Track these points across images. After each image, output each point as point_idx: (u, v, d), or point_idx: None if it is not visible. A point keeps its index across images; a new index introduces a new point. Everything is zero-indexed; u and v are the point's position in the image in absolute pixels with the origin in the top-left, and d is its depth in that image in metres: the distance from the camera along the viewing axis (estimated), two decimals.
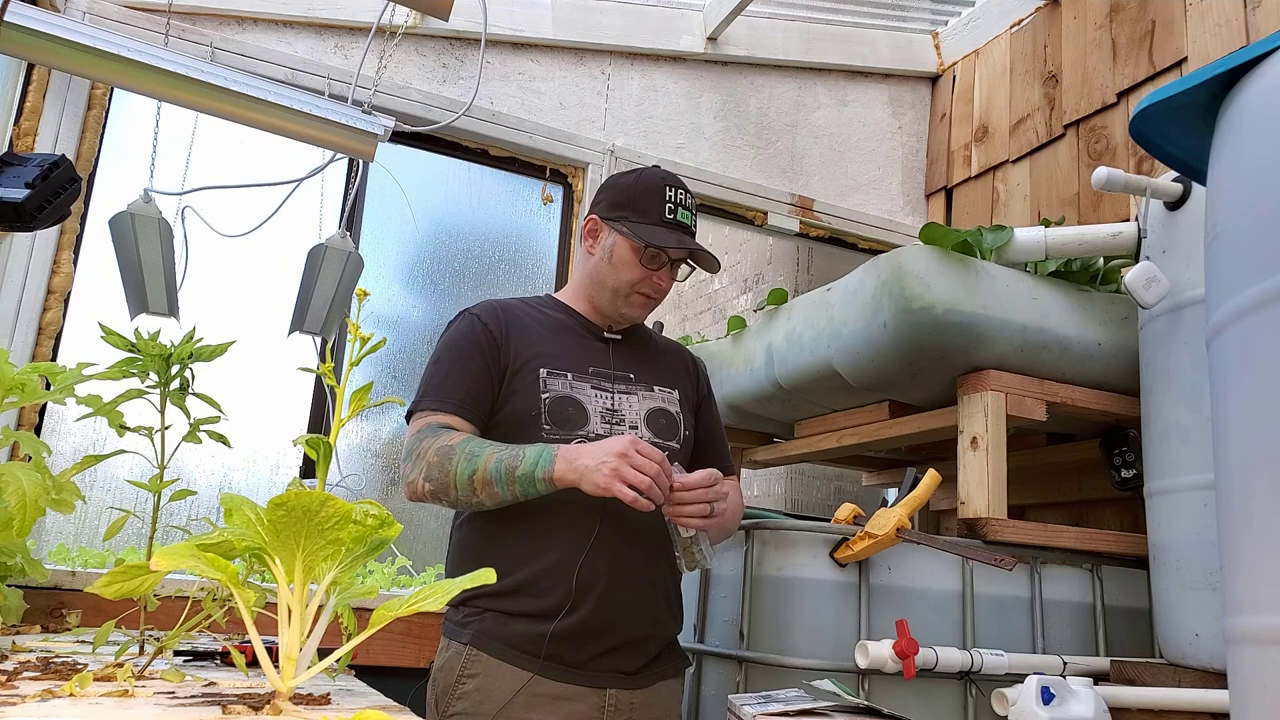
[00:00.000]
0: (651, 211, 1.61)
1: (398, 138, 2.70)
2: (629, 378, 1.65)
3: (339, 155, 2.45)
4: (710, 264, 1.64)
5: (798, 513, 3.43)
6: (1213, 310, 1.29)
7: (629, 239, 1.61)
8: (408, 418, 1.59)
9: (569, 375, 1.59)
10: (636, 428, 1.61)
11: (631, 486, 1.35)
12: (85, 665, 1.04)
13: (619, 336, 1.70)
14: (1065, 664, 1.87)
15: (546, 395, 1.55)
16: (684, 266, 1.67)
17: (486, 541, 1.55)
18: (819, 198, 3.43)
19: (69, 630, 1.57)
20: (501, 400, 1.57)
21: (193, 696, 0.90)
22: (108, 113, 2.53)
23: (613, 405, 1.60)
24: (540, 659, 1.47)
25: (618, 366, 1.65)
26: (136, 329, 1.31)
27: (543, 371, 1.57)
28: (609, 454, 1.36)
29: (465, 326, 1.62)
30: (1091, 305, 2.11)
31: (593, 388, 1.60)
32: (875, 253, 2.97)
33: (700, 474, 1.47)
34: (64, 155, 1.48)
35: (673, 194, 1.63)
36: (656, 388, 1.68)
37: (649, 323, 2.20)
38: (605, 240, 1.65)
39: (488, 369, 1.57)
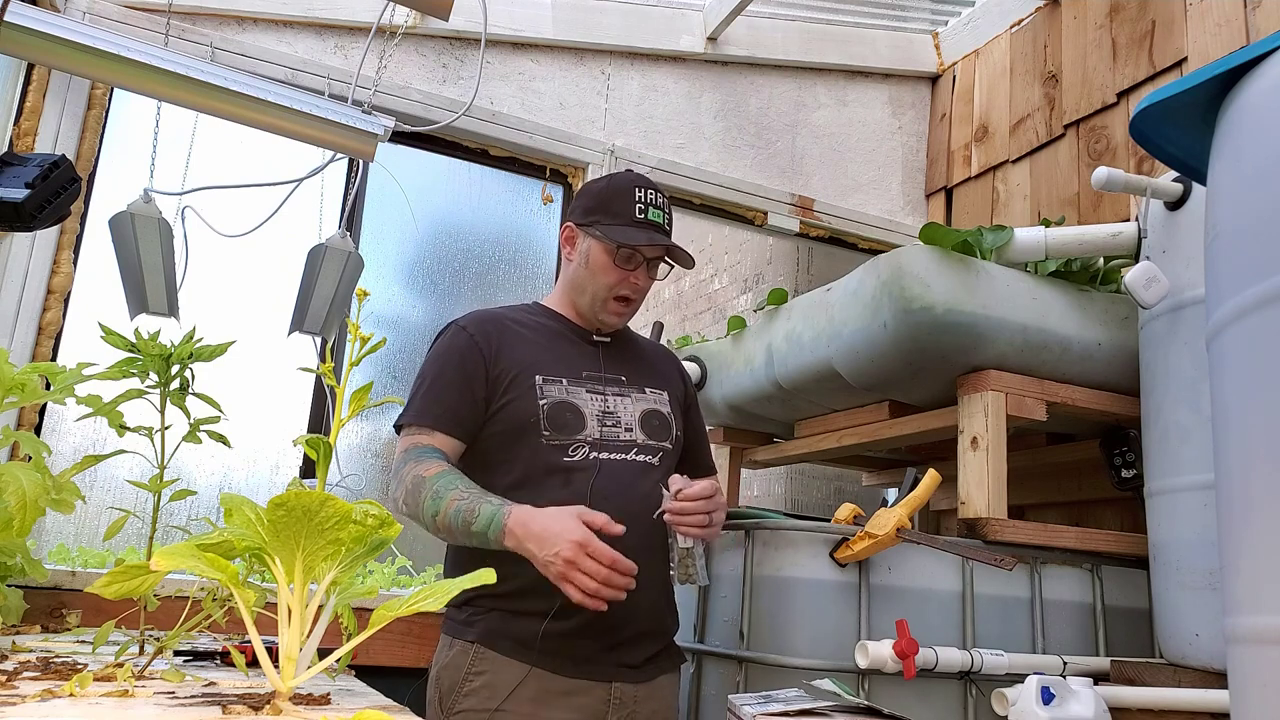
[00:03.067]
0: (622, 213, 1.64)
1: (398, 138, 2.70)
2: (621, 380, 1.68)
3: (339, 155, 2.45)
4: (685, 260, 1.67)
5: (798, 513, 3.43)
6: (1213, 310, 1.29)
7: (601, 241, 1.64)
8: (397, 430, 1.63)
9: (564, 380, 1.62)
10: (632, 430, 1.63)
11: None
12: (85, 665, 1.04)
13: (607, 339, 1.73)
14: (1065, 664, 1.87)
15: (544, 401, 1.58)
16: (663, 265, 1.70)
17: (485, 555, 1.55)
18: (819, 198, 3.42)
19: (69, 630, 1.57)
20: (498, 408, 1.59)
21: (193, 696, 0.90)
22: (108, 113, 2.52)
23: (608, 408, 1.63)
24: (548, 655, 1.50)
25: (608, 369, 1.68)
26: (136, 329, 1.31)
27: (538, 378, 1.60)
28: (556, 552, 1.37)
29: (451, 340, 1.65)
30: (1091, 305, 2.11)
31: (588, 391, 1.63)
32: (875, 253, 2.97)
33: (702, 485, 1.52)
34: (64, 155, 1.49)
35: (643, 194, 1.66)
36: (648, 389, 1.71)
37: (646, 324, 2.21)
38: (581, 246, 1.69)
39: (472, 384, 1.59)
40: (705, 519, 1.53)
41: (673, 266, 1.70)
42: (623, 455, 1.60)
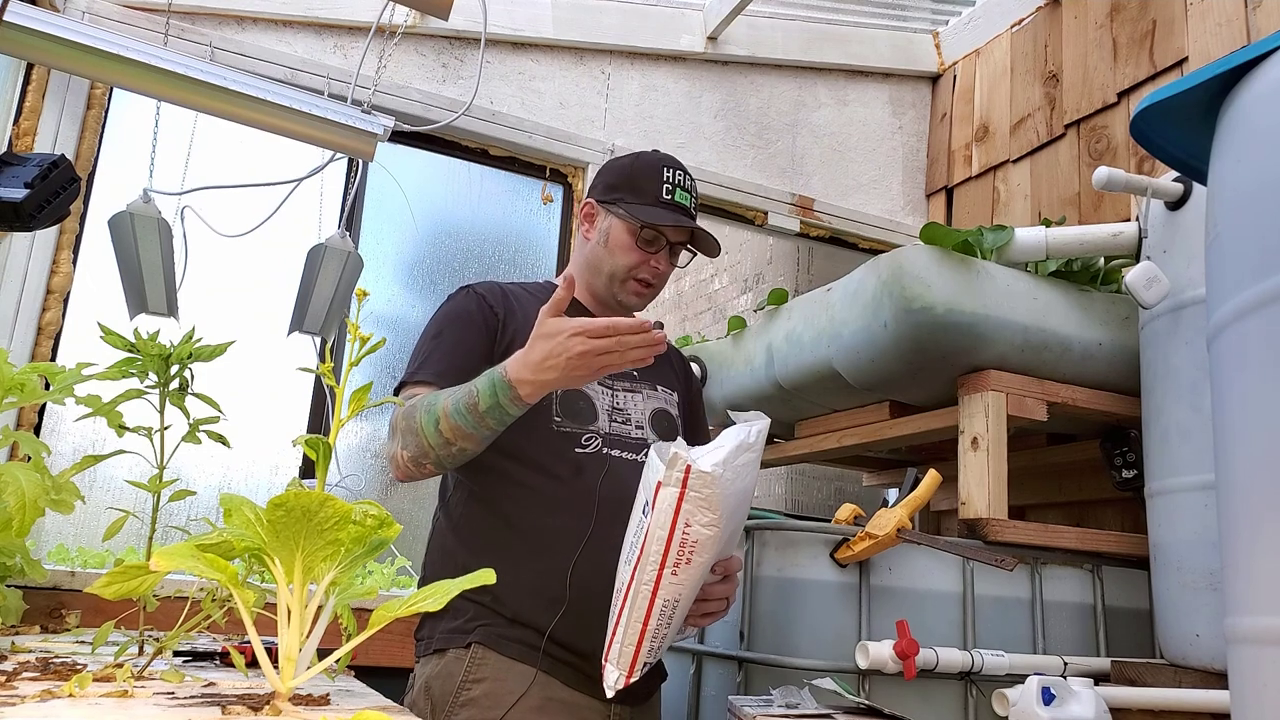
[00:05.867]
0: (648, 192, 1.56)
1: (397, 137, 2.70)
2: (633, 375, 1.62)
3: (339, 155, 2.45)
4: (710, 247, 1.59)
5: (798, 513, 3.43)
6: (1213, 310, 1.29)
7: (625, 220, 1.56)
8: (397, 390, 1.54)
9: None
10: (643, 428, 1.58)
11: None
12: (85, 665, 1.04)
13: None
14: (1066, 664, 1.87)
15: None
16: (685, 253, 1.62)
17: (471, 554, 1.49)
18: (819, 197, 3.42)
19: (68, 630, 1.56)
20: None
21: (192, 697, 0.90)
22: (107, 113, 2.52)
23: (617, 404, 1.57)
24: (552, 659, 1.44)
25: None
26: (136, 329, 1.31)
27: None
28: (567, 358, 1.27)
29: (462, 302, 1.58)
30: (1092, 305, 2.11)
31: (599, 383, 1.56)
32: (875, 253, 2.97)
33: (723, 587, 1.42)
34: (63, 155, 1.48)
35: (671, 174, 1.58)
36: (660, 387, 1.65)
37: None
38: (601, 224, 1.61)
39: (480, 346, 1.52)
40: (724, 604, 1.44)
41: (694, 254, 1.62)
42: (633, 455, 1.54)
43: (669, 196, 1.56)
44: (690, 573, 1.25)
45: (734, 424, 1.33)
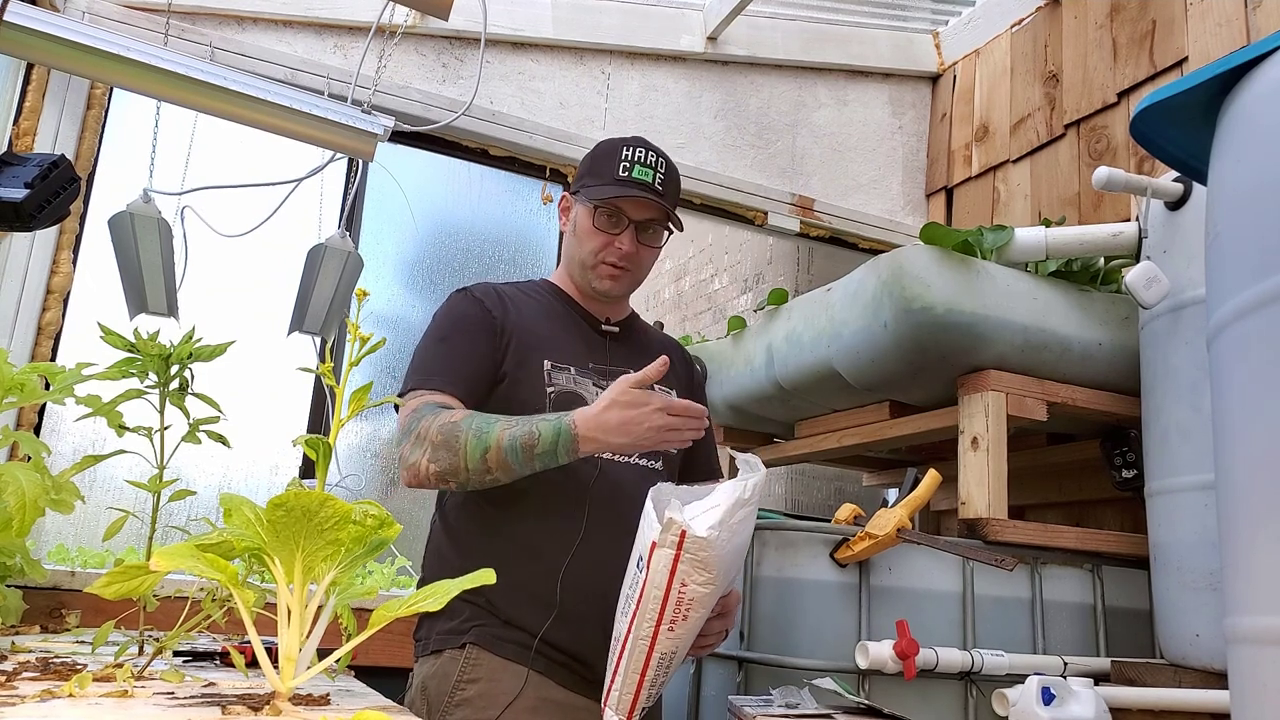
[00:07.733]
0: (605, 173, 1.56)
1: (397, 137, 2.70)
2: (628, 374, 1.60)
3: (339, 155, 2.45)
4: (673, 221, 1.58)
5: (798, 513, 3.43)
6: (1213, 310, 1.29)
7: (585, 205, 1.57)
8: (402, 394, 1.52)
9: (572, 369, 1.55)
10: None
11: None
12: (85, 665, 1.04)
13: (616, 329, 1.65)
14: (1066, 664, 1.87)
15: (552, 389, 1.51)
16: (664, 232, 1.60)
17: (466, 556, 1.49)
18: (819, 197, 3.42)
19: (68, 630, 1.56)
20: (503, 390, 1.52)
21: (192, 697, 0.90)
22: (107, 113, 2.52)
23: None
24: (546, 659, 1.44)
25: (615, 362, 1.60)
26: (136, 329, 1.31)
27: (546, 364, 1.52)
28: (647, 428, 1.35)
29: (459, 305, 1.58)
30: (1092, 305, 2.11)
31: (594, 384, 1.56)
32: (875, 253, 2.97)
33: (721, 621, 1.44)
34: (63, 155, 1.48)
35: (629, 152, 1.56)
36: (658, 385, 1.62)
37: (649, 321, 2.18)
38: (572, 214, 1.63)
39: (480, 349, 1.52)
40: (724, 635, 1.46)
41: (671, 233, 1.60)
42: (625, 457, 1.53)
43: (626, 174, 1.55)
44: (687, 627, 1.28)
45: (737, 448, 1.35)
